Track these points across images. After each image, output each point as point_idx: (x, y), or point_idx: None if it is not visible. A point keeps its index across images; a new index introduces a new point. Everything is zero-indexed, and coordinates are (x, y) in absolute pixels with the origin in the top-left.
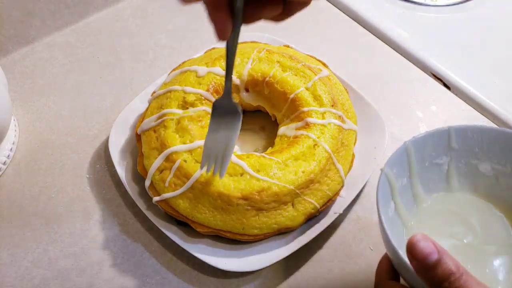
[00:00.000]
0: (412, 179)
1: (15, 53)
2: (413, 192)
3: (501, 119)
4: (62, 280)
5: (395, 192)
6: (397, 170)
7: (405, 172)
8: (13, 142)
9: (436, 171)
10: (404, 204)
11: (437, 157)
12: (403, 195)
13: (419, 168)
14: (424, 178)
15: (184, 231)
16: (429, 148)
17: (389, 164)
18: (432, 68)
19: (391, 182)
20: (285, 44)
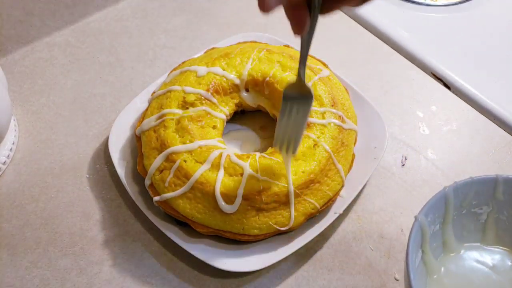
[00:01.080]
0: (444, 226)
1: (15, 53)
2: (443, 239)
3: (501, 119)
4: (62, 280)
5: (426, 239)
6: (431, 217)
7: (439, 219)
8: (13, 142)
9: (472, 220)
10: (432, 252)
11: (477, 206)
12: (432, 242)
13: (455, 215)
14: (458, 225)
15: (184, 231)
16: (470, 196)
17: (425, 212)
18: (432, 68)
19: (424, 230)
20: (285, 44)
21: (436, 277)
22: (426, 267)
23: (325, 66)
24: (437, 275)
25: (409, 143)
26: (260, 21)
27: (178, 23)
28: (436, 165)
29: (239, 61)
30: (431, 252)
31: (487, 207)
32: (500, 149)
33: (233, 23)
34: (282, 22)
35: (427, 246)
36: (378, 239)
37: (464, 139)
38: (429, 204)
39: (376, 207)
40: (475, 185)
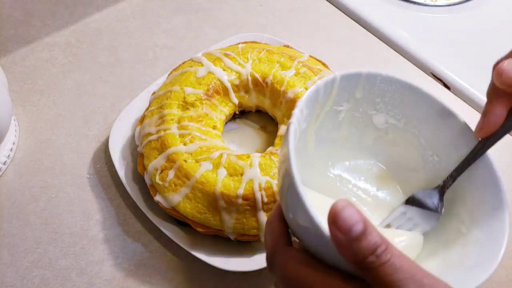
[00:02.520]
0: (310, 126)
1: (15, 53)
2: (306, 140)
3: None
4: (62, 280)
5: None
6: (305, 114)
7: (309, 117)
8: (13, 142)
9: (332, 118)
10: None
11: (339, 103)
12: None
13: (321, 114)
14: (321, 125)
15: (184, 231)
16: (334, 92)
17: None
18: (432, 68)
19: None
20: (285, 44)
21: None
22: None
23: (325, 66)
24: None
25: None
26: (260, 21)
27: (178, 23)
28: None
29: (239, 62)
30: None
31: (347, 103)
32: (500, 149)
33: (233, 23)
34: (282, 22)
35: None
36: None
37: None
38: (303, 100)
39: None
40: (340, 81)
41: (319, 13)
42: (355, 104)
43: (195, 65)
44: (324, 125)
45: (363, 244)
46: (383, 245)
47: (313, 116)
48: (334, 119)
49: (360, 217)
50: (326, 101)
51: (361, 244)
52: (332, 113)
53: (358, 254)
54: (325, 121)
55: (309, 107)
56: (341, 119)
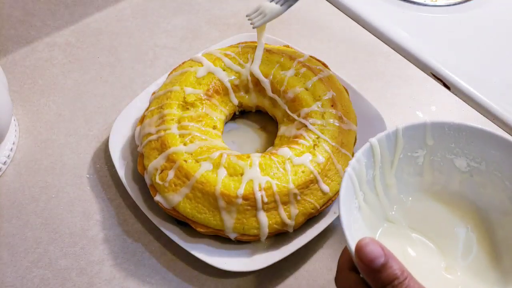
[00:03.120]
0: (384, 169)
1: (15, 53)
2: (386, 183)
3: (501, 119)
4: (62, 280)
5: (364, 182)
6: (365, 164)
7: (377, 163)
8: (13, 142)
9: (411, 163)
10: (376, 194)
11: (413, 151)
12: (373, 186)
13: (393, 160)
14: (399, 169)
15: (184, 231)
16: (402, 142)
17: (352, 164)
18: (432, 68)
19: (358, 177)
20: (285, 44)
21: (394, 213)
22: (373, 213)
23: (325, 66)
24: (392, 211)
25: None
26: None
27: (178, 23)
28: None
29: (239, 62)
30: (374, 194)
31: (422, 150)
32: None
33: (233, 23)
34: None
35: (367, 189)
36: None
37: None
38: (357, 157)
39: None
40: (404, 132)
41: (319, 13)
42: (431, 150)
43: (195, 65)
44: (404, 170)
45: (383, 275)
46: (401, 277)
47: (383, 163)
48: (413, 164)
49: (382, 252)
50: (395, 150)
51: (380, 275)
52: (409, 158)
53: (378, 282)
54: (403, 166)
55: (368, 157)
56: (421, 164)
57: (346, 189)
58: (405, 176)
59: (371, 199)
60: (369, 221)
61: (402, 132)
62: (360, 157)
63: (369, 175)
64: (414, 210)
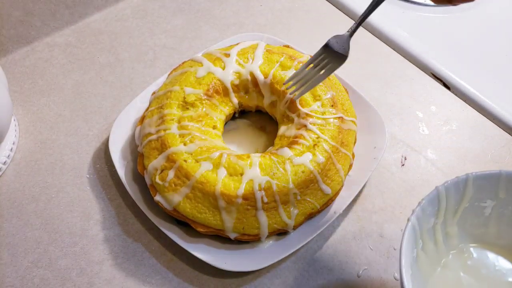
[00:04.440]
0: (447, 217)
1: (15, 53)
2: (446, 231)
3: (501, 119)
4: (62, 280)
5: (425, 231)
6: (429, 213)
7: (438, 214)
8: (13, 142)
9: (476, 213)
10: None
11: (481, 200)
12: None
13: (457, 209)
14: (462, 217)
15: (184, 231)
16: (470, 191)
17: (417, 213)
18: (432, 68)
19: (420, 227)
20: (285, 44)
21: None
22: (429, 257)
23: None
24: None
25: (408, 143)
26: (260, 21)
27: (178, 23)
28: (435, 165)
29: (239, 61)
30: (433, 244)
31: (491, 201)
32: (500, 149)
33: (233, 23)
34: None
35: (426, 238)
36: (378, 238)
37: (464, 139)
38: (422, 205)
39: (376, 207)
40: (474, 181)
41: (319, 13)
42: (501, 202)
43: (195, 65)
44: (468, 220)
45: None
46: None
47: (447, 211)
48: (479, 215)
49: None
50: (461, 199)
51: None
52: (475, 208)
53: None
54: (467, 215)
55: (433, 205)
56: (488, 215)
57: (408, 240)
58: (468, 226)
59: (429, 248)
60: (423, 268)
61: (473, 181)
62: (426, 206)
63: (430, 223)
64: (471, 260)
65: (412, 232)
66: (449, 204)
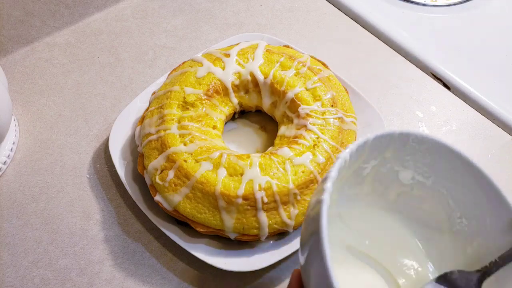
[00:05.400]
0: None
1: (15, 53)
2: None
3: (501, 119)
4: (62, 280)
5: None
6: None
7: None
8: (13, 142)
9: (356, 174)
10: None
11: (367, 162)
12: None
13: (347, 173)
14: (345, 182)
15: (184, 231)
16: (366, 152)
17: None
18: (432, 68)
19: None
20: (285, 44)
21: None
22: None
23: (325, 66)
24: None
25: None
26: (260, 21)
27: (178, 23)
28: None
29: (239, 61)
30: None
31: (375, 160)
32: (500, 149)
33: (233, 23)
34: (282, 22)
35: None
36: None
37: (464, 139)
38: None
39: None
40: (372, 141)
41: (319, 13)
42: (382, 161)
43: (195, 65)
44: (347, 182)
45: None
46: None
47: (341, 177)
48: (358, 176)
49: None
50: (356, 162)
51: None
52: (358, 170)
53: None
54: (349, 178)
55: (340, 172)
56: (365, 175)
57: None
58: (346, 188)
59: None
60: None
61: (371, 142)
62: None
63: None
64: (351, 226)
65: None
66: (346, 170)
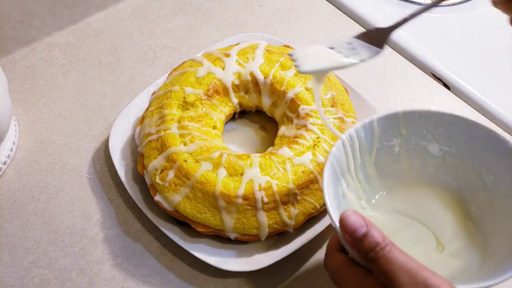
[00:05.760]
0: (364, 159)
1: (15, 53)
2: (367, 172)
3: (501, 119)
4: (62, 280)
5: (345, 171)
6: (346, 151)
7: (356, 153)
8: (13, 142)
9: (388, 152)
10: (359, 182)
11: (389, 140)
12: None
13: (371, 150)
14: (378, 158)
15: (184, 231)
16: (378, 132)
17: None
18: (432, 68)
19: (341, 163)
20: (285, 44)
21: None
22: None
23: None
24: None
25: None
26: (260, 21)
27: (178, 23)
28: None
29: (239, 61)
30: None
31: (397, 139)
32: None
33: (233, 23)
34: (282, 22)
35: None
36: None
37: None
38: (337, 145)
39: None
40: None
41: (319, 13)
42: (405, 138)
43: (195, 65)
44: (383, 159)
45: (365, 244)
46: (382, 244)
47: (362, 153)
48: (390, 153)
49: (363, 222)
50: (371, 140)
51: (363, 244)
52: (386, 148)
53: (362, 250)
54: (381, 155)
55: (346, 147)
56: (398, 152)
57: (329, 174)
58: (384, 165)
59: (354, 188)
60: (352, 206)
61: (377, 123)
62: (340, 146)
63: (349, 164)
64: (397, 196)
65: (331, 169)
66: (362, 146)
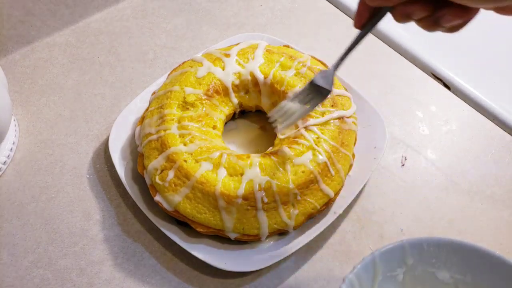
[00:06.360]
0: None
1: (15, 53)
2: None
3: (501, 119)
4: (62, 280)
5: None
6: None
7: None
8: (13, 142)
9: (392, 282)
10: None
11: (392, 271)
12: None
13: (372, 285)
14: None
15: (184, 231)
16: (380, 267)
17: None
18: (432, 68)
19: None
20: (285, 44)
21: None
22: None
23: (325, 66)
24: None
25: (409, 143)
26: (260, 21)
27: (178, 23)
28: (435, 165)
29: (239, 61)
30: None
31: (401, 268)
32: (500, 149)
33: (233, 23)
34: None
35: None
36: (378, 239)
37: (464, 139)
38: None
39: (376, 207)
40: (383, 256)
41: (319, 13)
42: (410, 267)
43: (195, 65)
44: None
45: None
46: None
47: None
48: (393, 282)
49: None
50: (373, 276)
51: None
52: (388, 278)
53: None
54: (383, 285)
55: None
56: (401, 280)
57: None
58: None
59: None
60: None
61: (379, 258)
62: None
63: None
64: None
65: None
66: (364, 286)
